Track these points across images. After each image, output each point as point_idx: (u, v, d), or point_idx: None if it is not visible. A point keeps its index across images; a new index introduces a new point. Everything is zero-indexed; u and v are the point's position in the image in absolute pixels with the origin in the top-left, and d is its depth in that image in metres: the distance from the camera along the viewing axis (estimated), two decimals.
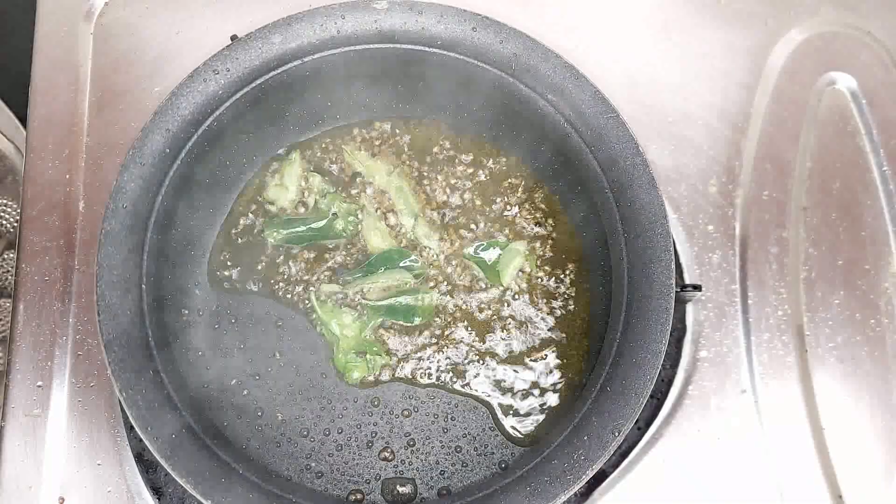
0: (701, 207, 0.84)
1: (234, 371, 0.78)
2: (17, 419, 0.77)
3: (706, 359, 0.80)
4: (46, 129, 0.85)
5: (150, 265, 0.71)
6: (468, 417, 0.77)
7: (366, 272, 0.80)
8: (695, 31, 0.89)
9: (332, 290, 0.79)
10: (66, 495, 0.76)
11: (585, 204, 0.77)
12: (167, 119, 0.71)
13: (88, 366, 0.79)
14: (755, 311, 0.81)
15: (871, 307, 0.81)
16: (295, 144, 0.85)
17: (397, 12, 0.73)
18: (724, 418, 0.78)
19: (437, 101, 0.83)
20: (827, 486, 0.76)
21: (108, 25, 0.89)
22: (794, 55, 0.88)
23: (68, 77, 0.87)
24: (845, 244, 0.82)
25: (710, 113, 0.86)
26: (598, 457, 0.63)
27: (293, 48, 0.73)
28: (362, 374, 0.78)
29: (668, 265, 0.67)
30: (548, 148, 0.79)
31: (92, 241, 0.82)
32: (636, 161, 0.70)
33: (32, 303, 0.80)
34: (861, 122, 0.86)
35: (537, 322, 0.79)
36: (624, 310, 0.68)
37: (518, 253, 0.80)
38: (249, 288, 0.81)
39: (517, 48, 0.73)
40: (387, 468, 0.76)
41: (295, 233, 0.81)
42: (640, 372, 0.65)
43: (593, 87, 0.72)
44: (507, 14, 0.76)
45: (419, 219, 0.81)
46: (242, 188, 0.84)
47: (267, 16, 0.75)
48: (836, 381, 0.79)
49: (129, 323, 0.67)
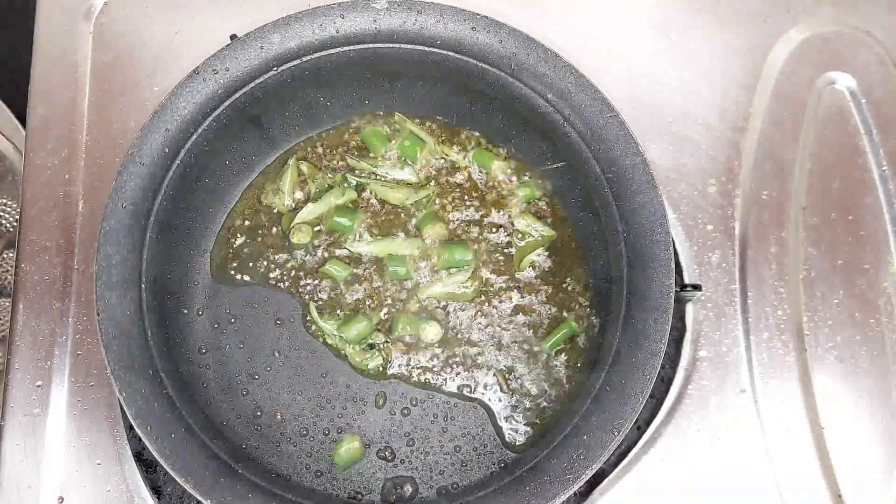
0: (700, 207, 0.84)
1: (234, 371, 0.78)
2: (17, 419, 0.77)
3: (705, 358, 0.80)
4: (46, 129, 0.85)
5: (149, 265, 0.71)
6: (467, 417, 0.77)
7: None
8: (695, 31, 0.89)
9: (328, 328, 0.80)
10: (66, 495, 0.76)
11: (585, 204, 0.77)
12: (166, 118, 0.71)
13: (88, 365, 0.79)
14: (755, 310, 0.81)
15: (871, 307, 0.81)
16: (294, 145, 0.85)
17: (396, 12, 0.73)
18: (723, 418, 0.78)
19: (436, 101, 0.82)
20: (826, 485, 0.76)
21: (107, 25, 0.89)
22: (793, 55, 0.88)
23: (68, 77, 0.87)
24: (845, 244, 0.82)
25: (710, 113, 0.86)
26: (598, 456, 0.63)
27: (292, 48, 0.73)
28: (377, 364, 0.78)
29: (667, 265, 0.67)
30: (547, 148, 0.79)
31: (91, 240, 0.82)
32: (636, 161, 0.70)
33: (32, 302, 0.80)
34: (860, 121, 0.86)
35: (534, 322, 0.79)
36: (623, 309, 0.68)
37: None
38: (249, 288, 0.81)
39: (517, 48, 0.73)
40: (386, 468, 0.76)
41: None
42: (640, 372, 0.65)
43: (593, 87, 0.72)
44: (507, 14, 0.76)
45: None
46: (242, 188, 0.84)
47: (266, 15, 0.75)
48: (836, 380, 0.79)
49: (129, 323, 0.67)
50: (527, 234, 0.81)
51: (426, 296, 0.80)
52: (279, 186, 0.83)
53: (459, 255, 0.80)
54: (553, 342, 0.78)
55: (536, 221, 0.81)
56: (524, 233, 0.81)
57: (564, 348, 0.78)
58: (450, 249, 0.80)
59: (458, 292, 0.80)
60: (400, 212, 0.82)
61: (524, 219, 0.81)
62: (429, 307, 0.80)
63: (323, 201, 0.82)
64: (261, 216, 0.83)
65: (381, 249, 0.81)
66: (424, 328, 0.78)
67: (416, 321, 0.79)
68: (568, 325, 0.78)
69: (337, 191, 0.82)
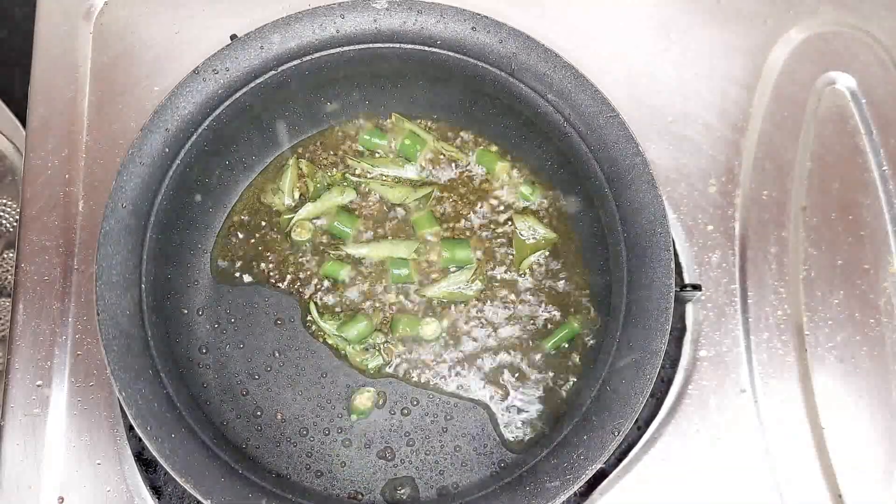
0: (700, 207, 0.84)
1: (234, 371, 0.78)
2: (17, 419, 0.77)
3: (706, 358, 0.80)
4: (46, 129, 0.85)
5: (149, 265, 0.71)
6: (467, 417, 0.77)
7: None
8: (694, 31, 0.89)
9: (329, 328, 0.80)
10: (66, 495, 0.76)
11: (585, 204, 0.77)
12: (166, 118, 0.71)
13: (88, 365, 0.79)
14: (755, 310, 0.81)
15: (871, 307, 0.81)
16: (294, 145, 0.85)
17: (396, 12, 0.73)
18: (723, 418, 0.78)
19: (435, 101, 0.82)
20: (826, 485, 0.76)
21: (107, 25, 0.89)
22: (793, 55, 0.88)
23: (68, 77, 0.87)
24: (845, 244, 0.82)
25: (710, 113, 0.86)
26: (598, 456, 0.63)
27: (292, 48, 0.73)
28: (378, 365, 0.78)
29: (667, 265, 0.67)
30: (547, 148, 0.79)
31: (91, 240, 0.82)
32: (636, 161, 0.70)
33: (32, 302, 0.80)
34: (861, 121, 0.86)
35: (535, 322, 0.79)
36: (624, 309, 0.68)
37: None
38: (249, 288, 0.81)
39: (517, 48, 0.73)
40: (386, 468, 0.76)
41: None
42: (640, 371, 0.65)
43: (593, 87, 0.72)
44: (507, 14, 0.76)
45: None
46: (242, 188, 0.84)
47: (266, 15, 0.75)
48: (836, 380, 0.79)
49: (129, 323, 0.67)
50: (528, 236, 0.81)
51: (427, 296, 0.80)
52: (279, 186, 0.83)
53: (460, 254, 0.80)
54: (553, 342, 0.78)
55: (537, 223, 0.81)
56: (525, 234, 0.81)
57: (565, 348, 0.78)
58: (450, 249, 0.80)
59: (459, 292, 0.80)
60: (400, 212, 0.82)
61: (525, 220, 0.81)
62: (429, 307, 0.80)
63: (322, 200, 0.82)
64: (261, 216, 0.83)
65: (381, 251, 0.81)
66: (423, 325, 0.78)
67: (416, 321, 0.79)
68: (568, 325, 0.78)
69: (337, 190, 0.82)
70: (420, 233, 0.81)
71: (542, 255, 0.81)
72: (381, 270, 0.81)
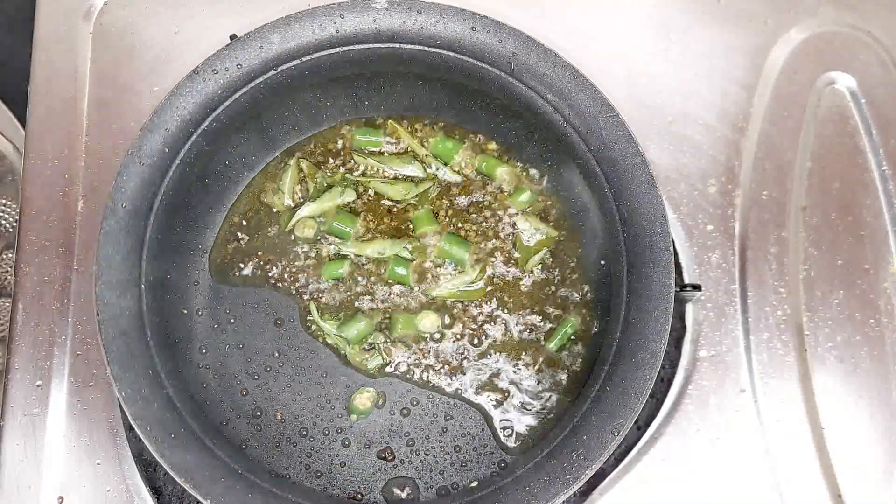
0: (700, 207, 0.84)
1: (234, 371, 0.78)
2: (17, 419, 0.77)
3: (705, 358, 0.80)
4: (45, 129, 0.85)
5: (149, 265, 0.71)
6: (467, 417, 0.77)
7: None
8: (694, 31, 0.89)
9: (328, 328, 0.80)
10: (66, 495, 0.76)
11: (585, 204, 0.77)
12: (166, 119, 0.71)
13: (87, 365, 0.79)
14: (754, 310, 0.81)
15: (871, 307, 0.81)
16: (294, 145, 0.85)
17: (396, 12, 0.73)
18: (723, 418, 0.78)
19: (436, 101, 0.82)
20: (826, 485, 0.76)
21: (107, 25, 0.89)
22: (793, 55, 0.88)
23: (67, 77, 0.87)
24: (845, 244, 0.82)
25: (710, 113, 0.86)
26: (598, 456, 0.63)
27: (292, 48, 0.73)
28: (377, 364, 0.78)
29: (667, 265, 0.67)
30: (547, 148, 0.79)
31: (91, 241, 0.82)
32: (636, 161, 0.70)
33: (31, 302, 0.80)
34: (860, 121, 0.86)
35: (536, 322, 0.79)
36: (623, 310, 0.68)
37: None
38: (249, 288, 0.81)
39: (517, 48, 0.73)
40: (386, 468, 0.76)
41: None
42: (640, 372, 0.65)
43: (593, 87, 0.72)
44: (507, 14, 0.76)
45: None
46: (242, 188, 0.84)
47: (266, 15, 0.75)
48: (836, 380, 0.79)
49: (129, 323, 0.67)
50: (529, 235, 0.81)
51: (428, 295, 0.80)
52: (279, 186, 0.83)
53: (458, 252, 0.80)
54: (553, 342, 0.78)
55: (539, 222, 0.81)
56: (527, 234, 0.81)
57: (565, 348, 0.78)
58: (449, 247, 0.80)
59: (459, 292, 0.80)
60: (400, 211, 0.82)
61: (527, 220, 0.81)
62: (430, 306, 0.80)
63: (322, 200, 0.82)
64: (261, 216, 0.83)
65: (380, 250, 0.81)
66: (421, 319, 0.78)
67: (414, 317, 0.79)
68: (568, 325, 0.78)
69: (336, 189, 0.82)
70: (419, 231, 0.81)
71: (543, 256, 0.81)
72: (381, 270, 0.81)
